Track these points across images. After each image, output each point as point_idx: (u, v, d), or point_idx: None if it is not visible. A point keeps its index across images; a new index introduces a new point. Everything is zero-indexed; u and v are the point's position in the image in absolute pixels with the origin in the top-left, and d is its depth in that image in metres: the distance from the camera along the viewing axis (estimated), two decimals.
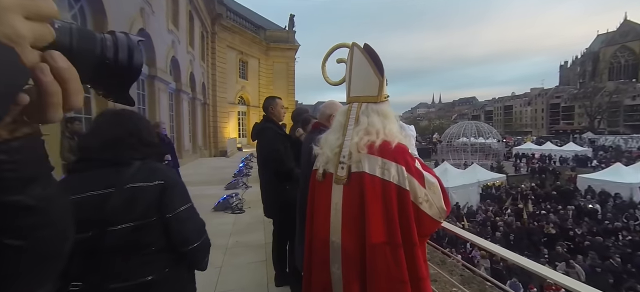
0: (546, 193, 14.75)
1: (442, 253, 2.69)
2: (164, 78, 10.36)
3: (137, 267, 1.05)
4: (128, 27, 7.65)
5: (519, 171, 23.28)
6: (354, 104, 1.29)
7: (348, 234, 1.17)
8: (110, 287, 1.01)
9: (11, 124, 0.30)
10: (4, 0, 0.25)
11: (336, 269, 1.20)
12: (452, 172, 15.31)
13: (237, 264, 3.30)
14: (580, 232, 9.54)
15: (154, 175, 1.08)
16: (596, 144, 33.53)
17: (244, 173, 9.02)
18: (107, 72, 0.35)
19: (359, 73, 1.31)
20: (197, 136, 15.50)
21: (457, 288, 2.00)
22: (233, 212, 5.31)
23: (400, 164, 1.14)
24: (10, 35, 0.25)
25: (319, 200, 1.31)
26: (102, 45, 0.35)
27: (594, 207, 12.23)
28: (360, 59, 1.30)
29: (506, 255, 1.46)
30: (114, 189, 1.01)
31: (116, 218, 1.01)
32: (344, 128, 1.26)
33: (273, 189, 2.66)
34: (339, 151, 1.22)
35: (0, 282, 0.33)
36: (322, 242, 1.25)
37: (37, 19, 0.27)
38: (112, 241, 0.99)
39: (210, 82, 18.27)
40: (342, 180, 1.18)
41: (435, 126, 67.81)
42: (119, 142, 1.08)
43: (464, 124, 31.23)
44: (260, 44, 23.31)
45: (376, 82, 1.27)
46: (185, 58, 13.24)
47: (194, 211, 1.19)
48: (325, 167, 1.27)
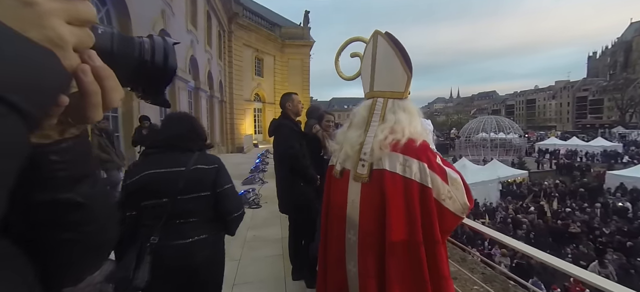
0: (571, 190, 14.11)
1: (462, 250, 2.65)
2: (184, 77, 10.66)
3: (190, 229, 1.41)
4: (150, 29, 7.92)
5: (542, 167, 22.34)
6: (378, 99, 1.22)
7: (365, 232, 1.15)
8: (174, 244, 1.37)
9: (59, 126, 0.31)
10: (47, 5, 0.25)
11: (352, 267, 1.18)
12: (471, 168, 14.90)
13: (255, 257, 3.38)
14: (608, 232, 9.08)
15: (210, 160, 1.50)
16: (627, 139, 31.64)
17: (260, 169, 9.16)
18: (144, 74, 0.38)
19: (385, 66, 1.22)
20: (215, 133, 15.87)
21: (480, 286, 1.97)
22: (250, 207, 5.42)
23: (422, 161, 1.10)
24: (53, 38, 0.26)
25: (335, 197, 1.29)
26: (140, 49, 0.37)
27: (624, 205, 11.59)
28: (386, 50, 1.21)
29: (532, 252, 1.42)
30: (185, 168, 1.39)
31: (185, 190, 1.37)
32: (367, 124, 1.20)
33: (288, 186, 2.70)
34: (360, 148, 1.17)
35: (56, 270, 0.36)
36: (337, 240, 1.24)
37: (79, 24, 0.28)
38: (179, 207, 1.37)
39: (227, 80, 18.61)
40: (363, 178, 1.15)
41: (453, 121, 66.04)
42: (183, 136, 1.47)
43: (484, 118, 30.26)
44: (276, 41, 23.47)
45: (404, 77, 1.21)
46: (203, 57, 13.54)
47: (235, 189, 1.62)
48: (343, 164, 1.24)
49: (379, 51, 1.22)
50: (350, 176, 1.20)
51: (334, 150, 1.34)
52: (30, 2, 0.24)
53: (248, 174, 8.26)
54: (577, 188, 14.43)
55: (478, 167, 15.93)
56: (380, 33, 1.23)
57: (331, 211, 1.31)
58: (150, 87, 0.41)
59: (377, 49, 1.22)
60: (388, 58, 1.21)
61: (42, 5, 0.25)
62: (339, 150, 1.29)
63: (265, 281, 2.89)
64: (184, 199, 1.37)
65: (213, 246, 1.52)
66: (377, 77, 1.24)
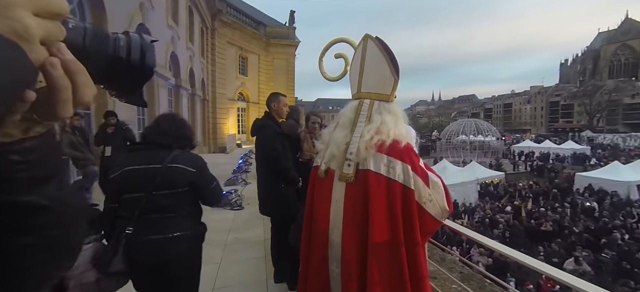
0: (544, 191, 14.80)
1: (441, 250, 2.70)
2: (164, 74, 10.33)
3: (165, 225, 1.47)
4: (127, 23, 7.61)
5: (518, 168, 23.35)
6: (364, 100, 1.24)
7: (349, 232, 1.15)
8: (148, 238, 1.43)
9: (23, 123, 0.29)
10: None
11: (335, 268, 1.18)
12: (451, 170, 15.35)
13: (236, 260, 3.31)
14: (577, 231, 9.60)
15: (192, 162, 1.55)
16: (595, 142, 33.61)
17: (243, 169, 9.02)
18: (119, 72, 0.36)
19: (373, 68, 1.24)
20: (197, 132, 15.48)
21: (458, 285, 2.02)
22: (232, 208, 5.32)
23: (406, 163, 1.13)
24: (18, 30, 0.24)
25: (319, 197, 1.29)
26: (115, 45, 0.35)
27: (592, 205, 12.29)
28: (375, 53, 1.24)
29: (506, 252, 1.46)
30: (161, 165, 1.44)
31: (160, 186, 1.43)
32: (353, 124, 1.21)
33: (270, 187, 2.67)
34: (346, 148, 1.18)
35: (11, 274, 0.33)
36: (321, 240, 1.23)
37: (48, 17, 0.27)
38: (154, 202, 1.43)
39: (210, 78, 18.21)
40: (349, 178, 1.15)
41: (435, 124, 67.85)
42: (164, 134, 1.53)
43: (464, 121, 31.24)
44: (260, 40, 23.22)
45: (391, 80, 1.24)
46: (184, 54, 13.19)
47: (218, 184, 1.73)
48: (328, 164, 1.24)
49: (368, 54, 1.24)
50: (335, 176, 1.21)
51: (319, 150, 1.34)
52: None
53: (231, 175, 8.12)
54: (549, 189, 15.15)
55: (458, 169, 16.43)
56: (370, 37, 1.25)
57: (315, 211, 1.30)
58: (125, 86, 0.38)
59: (366, 52, 1.25)
60: (377, 61, 1.23)
61: None
62: (324, 150, 1.29)
63: (246, 284, 2.84)
64: (159, 194, 1.44)
65: (188, 242, 1.55)
66: (365, 79, 1.26)
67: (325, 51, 1.95)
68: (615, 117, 50.33)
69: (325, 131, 1.36)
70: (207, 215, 5.54)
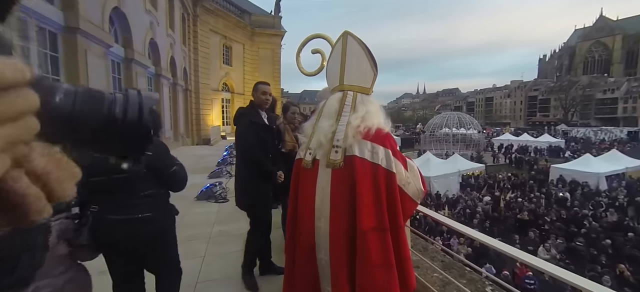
0: (522, 182, 15.43)
1: (425, 241, 2.76)
2: (142, 61, 9.93)
3: (133, 205, 1.58)
4: (100, 6, 7.22)
5: (497, 160, 24.19)
6: (348, 92, 1.30)
7: (336, 218, 1.18)
8: (114, 218, 1.54)
9: None
10: None
11: (323, 255, 1.20)
12: (434, 162, 15.70)
13: (220, 254, 3.26)
14: (550, 219, 10.09)
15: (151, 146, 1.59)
16: (569, 135, 35.24)
17: (228, 162, 8.88)
18: (114, 132, 0.33)
19: (354, 62, 1.32)
20: (179, 124, 15.06)
21: (439, 273, 2.07)
22: (216, 201, 5.24)
23: (387, 148, 1.20)
24: None
25: (304, 188, 1.30)
26: (110, 105, 0.33)
27: (565, 195, 12.93)
28: (356, 49, 1.31)
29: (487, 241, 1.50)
30: None
31: (118, 168, 1.40)
32: (339, 114, 1.26)
33: (245, 180, 2.62)
34: (332, 136, 1.22)
35: None
36: (308, 230, 1.24)
37: (9, 119, 0.22)
38: (115, 183, 1.51)
39: (193, 68, 17.68)
40: (337, 163, 1.19)
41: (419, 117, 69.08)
42: None
43: (447, 115, 31.93)
44: (245, 29, 22.69)
45: (371, 75, 1.33)
46: (165, 41, 12.71)
47: (182, 169, 1.79)
48: (314, 154, 1.26)
49: (350, 49, 1.32)
50: (320, 164, 1.24)
51: (302, 142, 1.36)
52: None
53: (215, 167, 7.98)
54: (527, 180, 15.80)
55: (441, 161, 16.82)
56: (350, 33, 1.34)
57: (300, 202, 1.32)
58: (124, 147, 0.35)
59: (347, 47, 1.32)
60: (357, 56, 1.31)
61: None
62: (307, 141, 1.31)
63: (230, 277, 2.80)
64: (118, 177, 1.50)
65: (154, 224, 1.65)
66: (347, 73, 1.32)
67: (303, 47, 1.98)
68: (588, 112, 52.93)
69: (307, 124, 1.38)
70: (192, 208, 5.46)
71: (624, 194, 12.77)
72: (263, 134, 2.54)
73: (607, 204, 11.61)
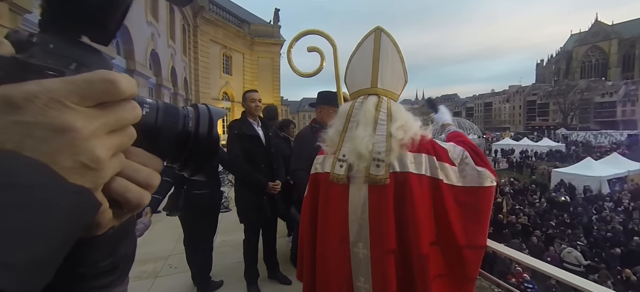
0: (524, 187, 15.38)
1: None
2: (144, 72, 9.99)
3: (193, 184, 2.56)
4: None
5: (498, 165, 24.13)
6: (383, 97, 1.13)
7: (378, 243, 1.03)
8: (197, 193, 2.58)
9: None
10: (86, 130, 0.22)
11: (363, 284, 1.05)
12: None
13: (224, 265, 3.23)
14: (553, 224, 10.02)
15: None
16: (569, 139, 35.24)
17: None
18: (187, 145, 0.35)
19: (389, 64, 1.15)
20: None
21: None
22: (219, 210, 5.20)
23: (430, 154, 1.08)
24: (88, 163, 0.22)
25: (332, 205, 1.13)
26: (185, 120, 0.34)
27: (566, 199, 12.87)
28: (391, 49, 1.15)
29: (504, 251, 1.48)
30: None
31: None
32: (375, 122, 1.09)
33: (236, 192, 2.72)
34: (372, 148, 1.06)
35: None
36: (339, 254, 1.09)
37: (122, 128, 0.25)
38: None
39: (193, 77, 17.79)
40: (381, 179, 1.02)
41: None
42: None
43: None
44: (245, 39, 22.88)
45: (402, 80, 1.19)
46: (165, 52, 12.81)
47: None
48: (350, 166, 1.08)
49: (384, 48, 1.15)
50: (353, 179, 1.08)
51: (327, 153, 1.19)
52: (64, 128, 0.21)
53: None
54: (528, 184, 15.75)
55: None
56: (384, 30, 1.17)
57: (328, 222, 1.14)
58: (192, 159, 0.36)
59: (381, 47, 1.15)
60: (392, 58, 1.16)
61: (80, 131, 0.21)
62: (336, 152, 1.13)
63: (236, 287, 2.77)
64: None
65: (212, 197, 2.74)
66: (381, 75, 1.14)
67: (295, 41, 1.79)
68: (587, 115, 53.04)
69: (332, 131, 1.18)
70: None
71: (629, 198, 12.68)
72: (249, 144, 2.47)
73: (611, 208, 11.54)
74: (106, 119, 0.23)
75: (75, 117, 0.21)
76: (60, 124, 0.20)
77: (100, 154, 0.22)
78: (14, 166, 0.19)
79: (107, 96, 0.23)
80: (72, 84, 0.21)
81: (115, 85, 0.23)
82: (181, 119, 0.34)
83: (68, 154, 0.21)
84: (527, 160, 24.23)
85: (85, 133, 0.21)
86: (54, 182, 0.20)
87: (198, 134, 0.35)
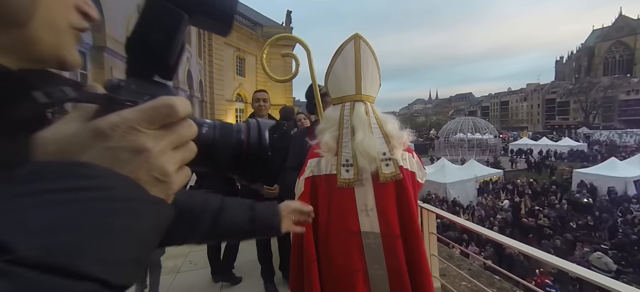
0: (544, 188, 14.88)
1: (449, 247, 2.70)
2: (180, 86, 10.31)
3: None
4: (125, 26, 7.57)
5: (516, 166, 23.45)
6: (367, 103, 1.22)
7: (389, 231, 1.14)
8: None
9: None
10: (157, 149, 0.26)
11: (378, 270, 1.15)
12: (450, 168, 15.36)
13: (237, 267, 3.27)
14: (575, 226, 9.66)
15: None
16: (591, 138, 33.87)
17: None
18: (242, 155, 0.40)
19: (369, 71, 1.22)
20: None
21: (468, 281, 2.02)
22: None
23: (414, 153, 1.26)
24: (159, 177, 0.26)
25: (339, 207, 1.18)
26: (238, 134, 0.39)
27: (588, 201, 12.37)
28: (369, 56, 1.21)
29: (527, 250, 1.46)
30: None
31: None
32: (370, 126, 1.18)
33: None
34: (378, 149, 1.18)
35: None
36: (348, 251, 1.15)
37: (183, 145, 0.29)
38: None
39: (208, 80, 18.17)
40: (395, 175, 1.15)
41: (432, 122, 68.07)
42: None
43: (461, 120, 31.39)
44: (258, 41, 23.16)
45: (378, 85, 1.28)
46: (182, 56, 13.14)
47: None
48: (366, 169, 1.15)
49: (363, 56, 1.20)
50: (363, 181, 1.15)
51: (327, 159, 1.21)
52: (140, 149, 0.25)
53: None
54: (548, 185, 15.23)
55: (457, 167, 16.45)
56: (362, 37, 1.21)
57: (333, 221, 1.18)
58: (248, 167, 0.41)
59: (361, 54, 1.20)
60: (371, 64, 1.23)
61: (152, 150, 0.26)
62: (337, 158, 1.18)
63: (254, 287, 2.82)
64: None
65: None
66: (364, 83, 1.22)
67: (268, 46, 1.85)
68: (611, 114, 50.79)
69: (328, 137, 1.22)
70: None
71: None
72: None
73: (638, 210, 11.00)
74: (170, 137, 0.27)
75: (147, 139, 0.25)
76: (137, 146, 0.25)
77: (169, 168, 0.27)
78: (115, 183, 0.23)
79: (169, 118, 0.27)
80: (141, 111, 0.26)
81: (174, 108, 0.27)
82: (235, 133, 0.39)
83: (144, 170, 0.25)
84: (546, 160, 23.43)
85: (155, 151, 0.26)
86: (142, 195, 0.25)
87: (250, 142, 0.40)
